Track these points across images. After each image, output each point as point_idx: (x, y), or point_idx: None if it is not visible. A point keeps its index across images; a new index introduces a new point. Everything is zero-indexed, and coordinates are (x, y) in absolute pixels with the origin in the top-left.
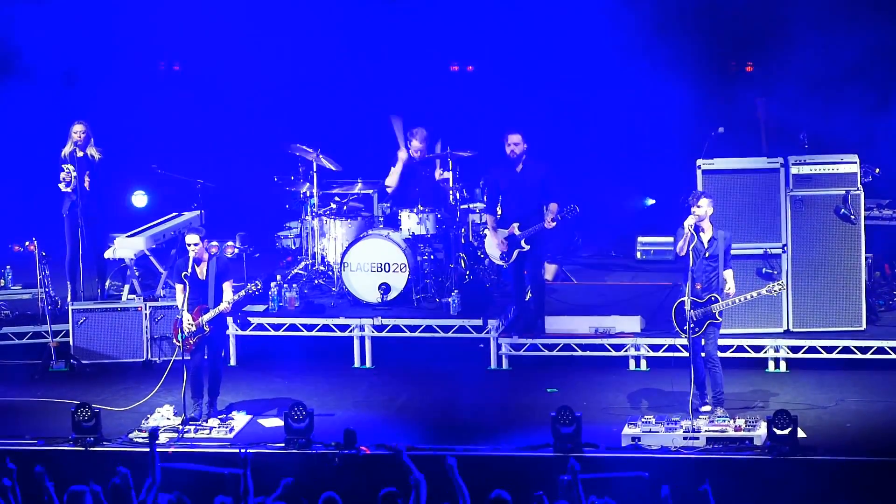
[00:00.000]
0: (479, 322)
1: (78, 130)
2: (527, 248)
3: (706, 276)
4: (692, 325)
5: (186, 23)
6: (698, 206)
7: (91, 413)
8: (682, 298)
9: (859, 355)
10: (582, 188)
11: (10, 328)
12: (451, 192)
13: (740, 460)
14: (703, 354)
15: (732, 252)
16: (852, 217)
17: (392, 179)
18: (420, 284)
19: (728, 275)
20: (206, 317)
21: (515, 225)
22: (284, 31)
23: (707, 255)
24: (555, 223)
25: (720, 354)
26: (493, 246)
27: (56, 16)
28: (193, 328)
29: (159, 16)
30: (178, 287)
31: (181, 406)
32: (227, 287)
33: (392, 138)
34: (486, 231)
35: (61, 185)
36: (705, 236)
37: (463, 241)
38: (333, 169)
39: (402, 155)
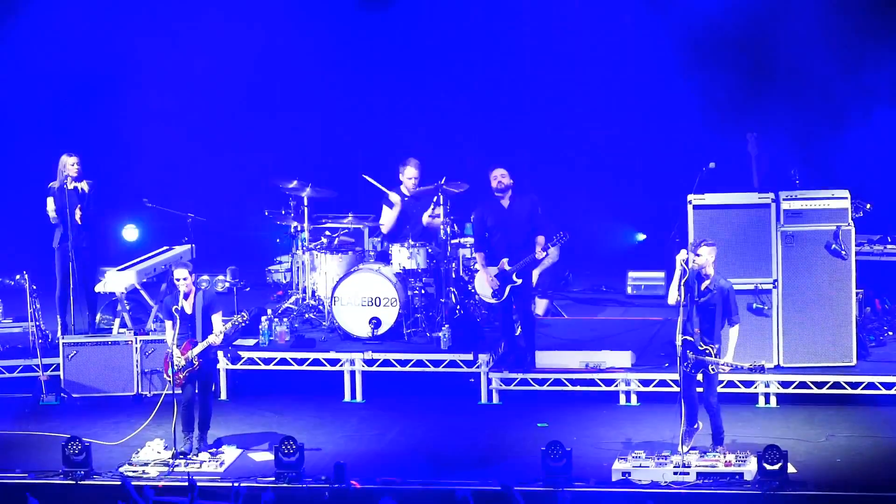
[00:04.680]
0: (469, 357)
1: (70, 163)
2: (519, 281)
3: (701, 323)
4: (689, 365)
5: (179, 55)
6: (698, 256)
7: (81, 447)
8: (689, 338)
9: (850, 391)
10: (572, 223)
11: (0, 361)
12: (441, 226)
13: (730, 495)
14: (699, 390)
15: None
16: (843, 252)
17: (387, 221)
18: (410, 319)
19: (732, 334)
20: (195, 350)
21: (505, 260)
22: (276, 65)
23: (701, 301)
24: (545, 253)
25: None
26: (484, 284)
27: (46, 47)
28: (182, 362)
29: (151, 47)
30: (168, 323)
31: (171, 440)
32: (217, 320)
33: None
34: (476, 266)
35: (51, 220)
36: (705, 283)
37: (454, 275)
38: (329, 192)
39: (396, 198)
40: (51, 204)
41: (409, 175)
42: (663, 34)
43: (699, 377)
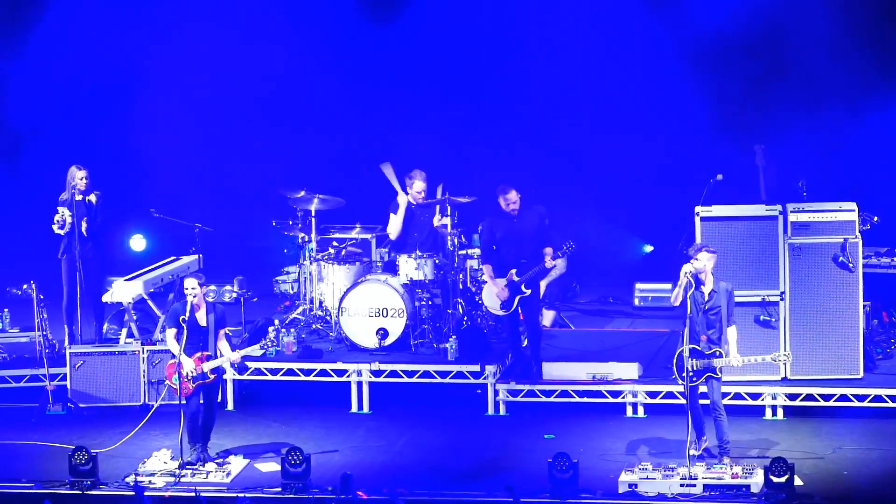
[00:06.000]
0: (476, 368)
1: (79, 176)
2: (528, 292)
3: (708, 328)
4: (690, 375)
5: (187, 66)
6: (696, 260)
7: (88, 457)
8: (689, 346)
9: (857, 403)
10: (580, 234)
11: (7, 371)
12: (449, 237)
13: None
14: (705, 402)
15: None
16: (850, 265)
17: (394, 226)
18: (418, 330)
19: (731, 333)
20: (211, 364)
21: (513, 271)
22: (282, 76)
23: (706, 307)
24: (553, 263)
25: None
26: (492, 295)
27: (53, 59)
28: (195, 373)
29: (159, 58)
30: (172, 331)
31: (178, 450)
32: (222, 335)
33: (388, 186)
34: (483, 278)
35: (55, 227)
36: (706, 288)
37: (461, 286)
38: (336, 201)
39: (403, 199)
40: (66, 213)
41: (417, 189)
42: (671, 46)
43: (702, 388)
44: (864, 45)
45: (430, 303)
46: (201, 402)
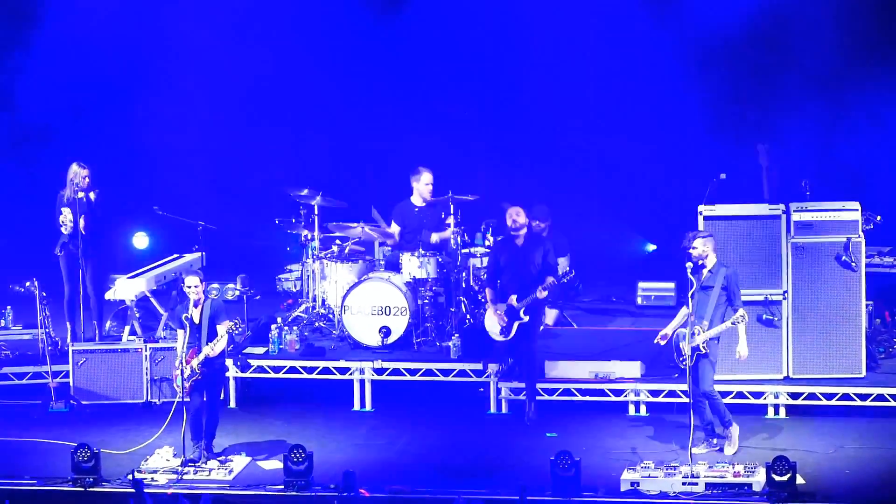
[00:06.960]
0: (479, 366)
1: (82, 175)
2: (526, 318)
3: (698, 308)
4: (682, 357)
5: (190, 63)
6: (693, 248)
7: (90, 454)
8: (682, 330)
9: (859, 402)
10: (583, 233)
11: (10, 368)
12: (452, 236)
13: None
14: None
15: None
16: (853, 264)
17: (395, 231)
18: (420, 328)
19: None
20: (196, 360)
21: (514, 297)
22: (287, 74)
23: (702, 285)
24: (545, 292)
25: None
26: (492, 321)
27: (56, 57)
28: (188, 371)
29: (161, 55)
30: (180, 332)
31: (181, 448)
32: (224, 331)
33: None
34: (481, 296)
35: (63, 229)
36: (706, 270)
37: (464, 284)
38: (339, 203)
39: (395, 229)
40: (68, 215)
41: (425, 181)
42: (674, 44)
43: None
44: (868, 43)
45: (432, 301)
46: (204, 399)
